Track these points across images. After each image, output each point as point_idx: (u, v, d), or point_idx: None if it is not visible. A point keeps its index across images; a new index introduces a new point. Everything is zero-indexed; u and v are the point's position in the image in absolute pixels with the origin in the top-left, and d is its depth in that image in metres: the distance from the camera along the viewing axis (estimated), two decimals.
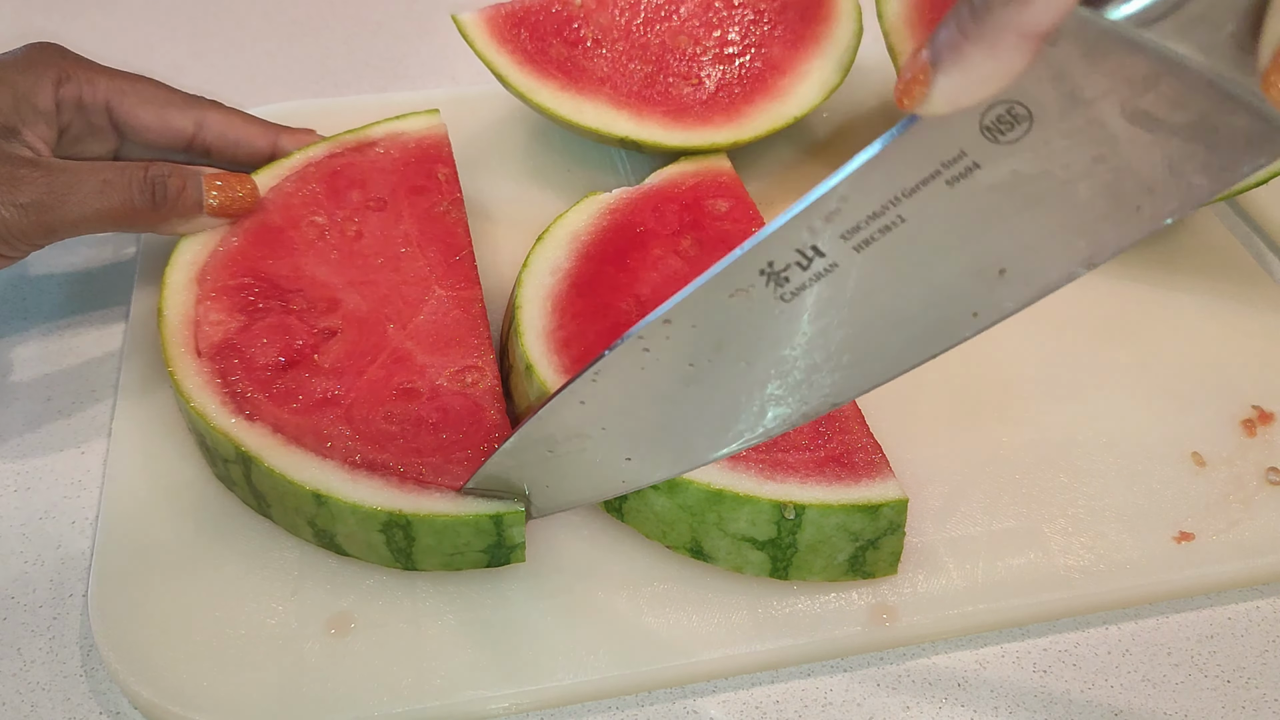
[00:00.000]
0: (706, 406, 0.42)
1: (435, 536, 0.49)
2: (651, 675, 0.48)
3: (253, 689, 0.47)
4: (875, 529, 0.49)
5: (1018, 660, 0.50)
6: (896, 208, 0.37)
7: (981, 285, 0.38)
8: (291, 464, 0.50)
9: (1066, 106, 0.34)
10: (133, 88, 0.61)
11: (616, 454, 0.45)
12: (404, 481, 0.49)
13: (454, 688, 0.47)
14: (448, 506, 0.48)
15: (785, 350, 0.40)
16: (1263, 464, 0.56)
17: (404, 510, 0.48)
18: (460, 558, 0.50)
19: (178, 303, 0.56)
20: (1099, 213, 0.35)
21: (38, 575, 0.52)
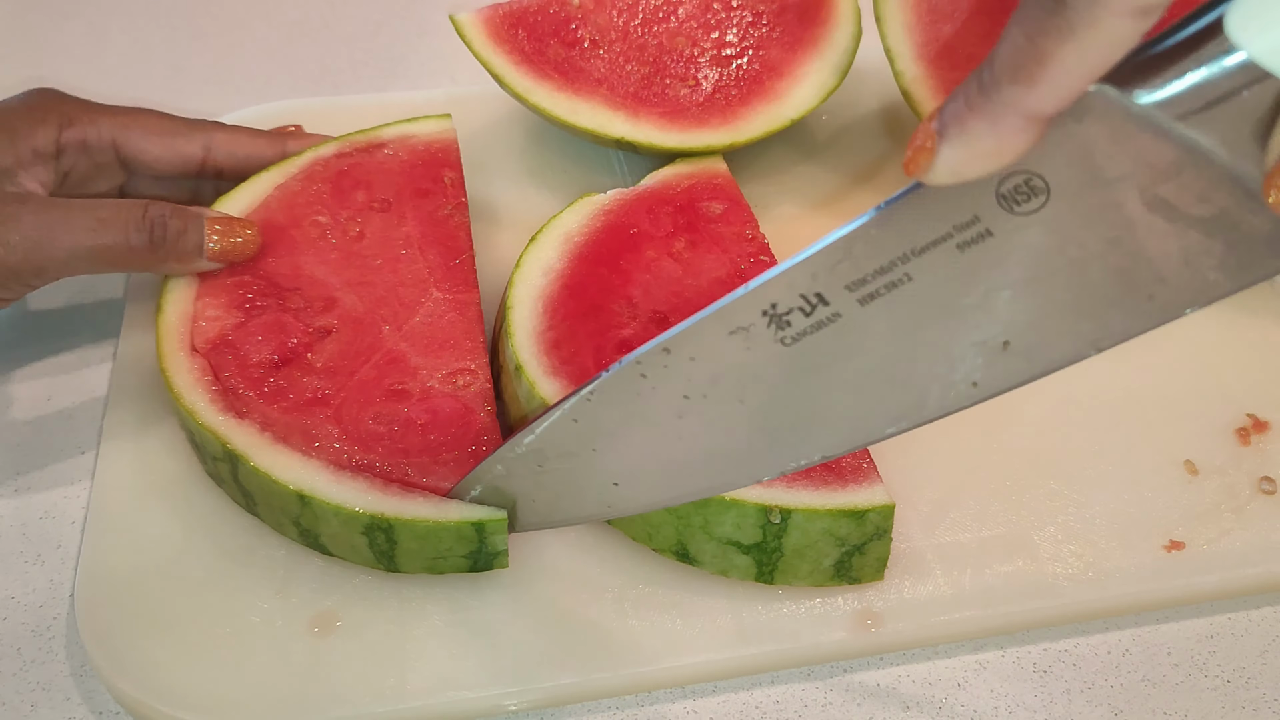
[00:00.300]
0: (697, 442, 0.42)
1: (417, 541, 0.49)
2: (635, 678, 0.48)
3: (236, 687, 0.47)
4: (861, 534, 0.49)
5: (1017, 660, 0.50)
6: (905, 265, 0.37)
7: (984, 355, 0.37)
8: (277, 464, 0.50)
9: (1086, 185, 0.34)
10: (136, 121, 0.60)
11: (605, 478, 0.45)
12: (389, 484, 0.49)
13: (437, 688, 0.47)
14: (430, 511, 0.48)
15: (780, 396, 0.40)
16: (1256, 473, 0.56)
17: (386, 514, 0.48)
18: (443, 562, 0.50)
19: (176, 298, 0.56)
20: (1109, 297, 0.35)
21: (38, 575, 0.53)
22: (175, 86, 0.82)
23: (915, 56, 0.67)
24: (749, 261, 0.60)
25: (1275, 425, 0.58)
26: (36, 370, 0.62)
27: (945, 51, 0.67)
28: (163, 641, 0.48)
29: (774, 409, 0.40)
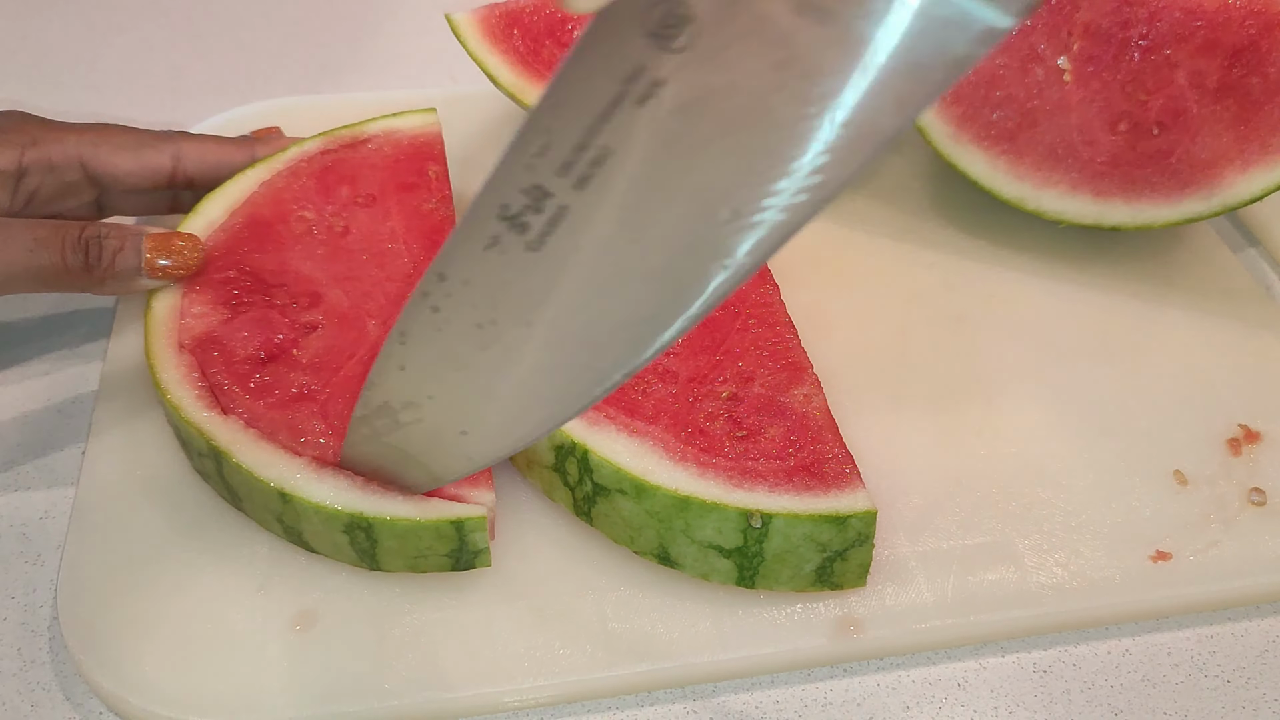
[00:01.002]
0: (510, 372, 0.40)
1: (397, 539, 0.48)
2: (614, 681, 0.48)
3: (218, 683, 0.47)
4: (843, 540, 0.49)
5: (1017, 660, 0.50)
6: (598, 137, 0.34)
7: (717, 229, 0.34)
8: (260, 461, 0.50)
9: (725, 3, 0.31)
10: (103, 137, 0.59)
11: (451, 427, 0.43)
12: (369, 481, 0.49)
13: (415, 687, 0.47)
14: (409, 510, 0.48)
15: (555, 311, 0.37)
16: (1246, 484, 0.55)
17: (365, 513, 0.48)
18: (424, 561, 0.50)
19: (165, 294, 0.57)
20: (807, 133, 0.32)
21: (38, 575, 0.53)
22: (175, 86, 0.82)
23: None
24: None
25: (1267, 436, 0.57)
26: (36, 370, 0.62)
27: None
28: (144, 638, 0.48)
29: (556, 325, 0.38)
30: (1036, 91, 0.65)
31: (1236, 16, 0.62)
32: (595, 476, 0.50)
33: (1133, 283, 0.66)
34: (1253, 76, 0.61)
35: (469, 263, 0.39)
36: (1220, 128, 0.62)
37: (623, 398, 0.52)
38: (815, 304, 0.64)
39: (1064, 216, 0.65)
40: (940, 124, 0.67)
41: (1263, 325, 0.63)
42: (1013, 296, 0.65)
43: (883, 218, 0.70)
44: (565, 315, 0.38)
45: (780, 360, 0.55)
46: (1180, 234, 0.69)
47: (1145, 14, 0.63)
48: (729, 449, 0.51)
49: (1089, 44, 0.64)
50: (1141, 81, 0.64)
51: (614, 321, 0.37)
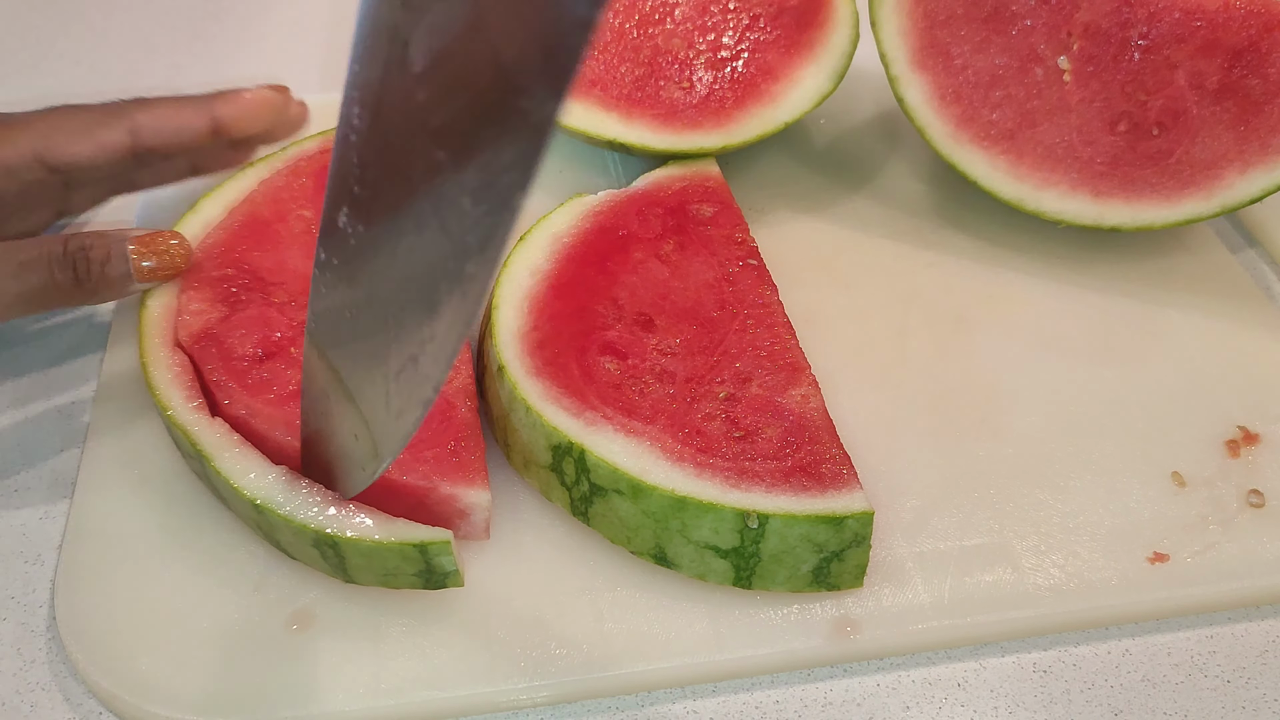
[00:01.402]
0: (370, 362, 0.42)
1: (364, 558, 0.48)
2: (610, 682, 0.48)
3: (212, 682, 0.47)
4: (840, 541, 0.49)
5: (1017, 661, 0.50)
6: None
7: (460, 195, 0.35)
8: (237, 469, 0.49)
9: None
10: (53, 125, 0.56)
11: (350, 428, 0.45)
12: (341, 498, 0.48)
13: (411, 687, 0.47)
14: (374, 531, 0.47)
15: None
16: (1244, 486, 0.55)
17: (331, 531, 0.47)
18: (395, 579, 0.49)
19: (160, 294, 0.57)
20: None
21: (38, 575, 0.53)
22: (175, 86, 0.82)
23: (909, 61, 0.67)
24: (738, 265, 0.59)
25: (1265, 437, 0.57)
26: (35, 370, 0.62)
27: (940, 57, 0.66)
28: (141, 636, 0.49)
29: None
30: (1036, 91, 0.65)
31: (1236, 17, 0.61)
32: (592, 476, 0.50)
33: (1132, 283, 0.66)
34: (1253, 77, 0.61)
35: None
36: (1220, 128, 0.62)
37: (620, 397, 0.52)
38: (814, 304, 0.64)
39: (1064, 217, 0.65)
40: (940, 124, 0.67)
41: (1262, 326, 0.63)
42: (1012, 297, 0.65)
43: (882, 218, 0.70)
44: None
45: (778, 361, 0.55)
46: (1180, 234, 0.69)
47: (1145, 14, 0.63)
48: (726, 449, 0.51)
49: (1089, 44, 0.64)
50: (1141, 82, 0.64)
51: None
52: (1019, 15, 0.65)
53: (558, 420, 0.51)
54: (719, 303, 0.57)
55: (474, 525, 0.51)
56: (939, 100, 0.66)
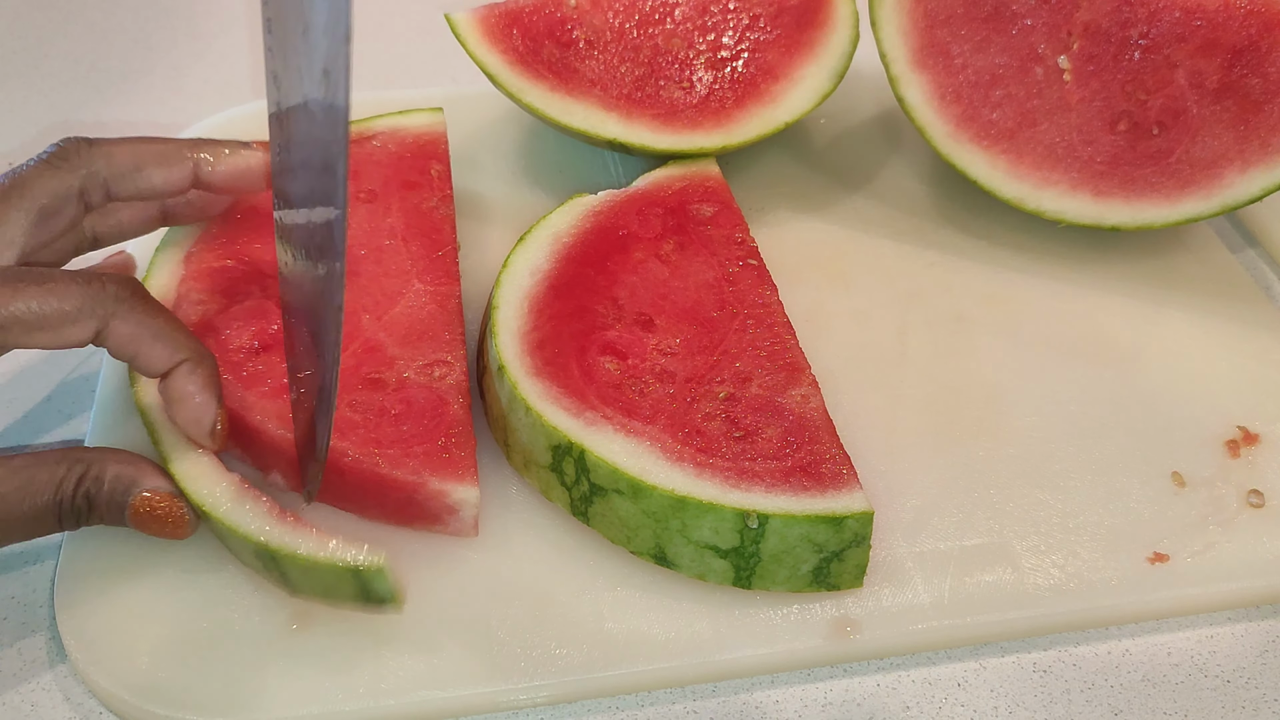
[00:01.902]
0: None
1: (302, 573, 0.47)
2: (611, 681, 0.48)
3: (213, 682, 0.47)
4: (840, 541, 0.49)
5: (1017, 661, 0.50)
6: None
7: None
8: (190, 473, 0.49)
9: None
10: (138, 154, 0.53)
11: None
12: (285, 512, 0.48)
13: (411, 687, 0.47)
14: (310, 548, 0.47)
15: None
16: (1245, 486, 0.55)
17: (270, 543, 0.47)
18: (335, 596, 0.48)
19: (158, 284, 0.57)
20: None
21: (38, 575, 0.53)
22: (176, 86, 0.82)
23: (910, 61, 0.67)
24: (737, 265, 0.59)
25: (1265, 438, 0.57)
26: (35, 370, 0.62)
27: (940, 56, 0.66)
28: (141, 636, 0.48)
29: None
30: (1036, 91, 0.65)
31: (1236, 16, 0.61)
32: (592, 476, 0.50)
33: (1132, 283, 0.66)
34: (1253, 76, 0.61)
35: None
36: (1220, 128, 0.62)
37: (620, 397, 0.52)
38: (814, 304, 0.64)
39: (1064, 216, 0.65)
40: (940, 124, 0.67)
41: (1262, 326, 0.63)
42: (1012, 296, 0.65)
43: (882, 218, 0.70)
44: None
45: (778, 361, 0.55)
46: (1180, 234, 0.69)
47: (1145, 14, 0.63)
48: (726, 449, 0.51)
49: (1089, 44, 0.64)
50: (1141, 81, 0.64)
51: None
52: (1019, 15, 0.65)
53: (558, 420, 0.51)
54: (719, 303, 0.57)
55: (463, 521, 0.51)
56: (939, 100, 0.66)
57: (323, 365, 0.44)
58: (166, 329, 0.48)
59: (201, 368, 0.49)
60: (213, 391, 0.49)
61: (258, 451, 0.53)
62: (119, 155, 0.53)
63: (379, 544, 0.51)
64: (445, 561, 0.51)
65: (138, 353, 0.48)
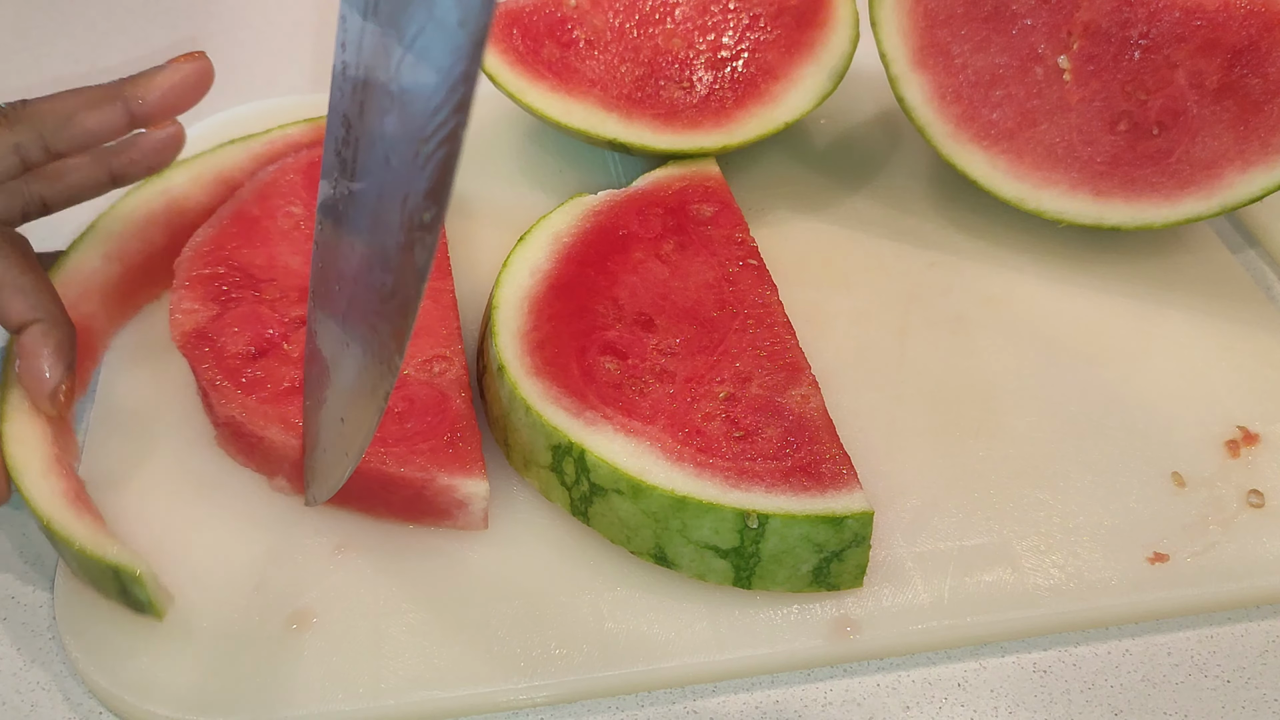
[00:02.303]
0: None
1: (75, 559, 0.48)
2: (610, 681, 0.48)
3: (212, 682, 0.47)
4: (840, 541, 0.49)
5: (1017, 661, 0.50)
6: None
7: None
8: (12, 434, 0.50)
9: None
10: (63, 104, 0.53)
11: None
12: (82, 499, 0.50)
13: (411, 687, 0.47)
14: (83, 539, 0.47)
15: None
16: (1244, 486, 0.55)
17: (51, 524, 0.48)
18: (103, 589, 0.49)
19: (72, 266, 0.58)
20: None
21: (38, 575, 0.53)
22: None
23: (910, 61, 0.67)
24: (737, 265, 0.59)
25: (1265, 438, 0.57)
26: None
27: (940, 56, 0.66)
28: (141, 635, 0.49)
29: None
30: (1036, 91, 0.65)
31: (1236, 16, 0.61)
32: (592, 476, 0.50)
33: (1132, 283, 0.66)
34: (1253, 76, 0.61)
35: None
36: (1220, 128, 0.62)
37: (620, 397, 0.52)
38: (814, 304, 0.64)
39: (1064, 216, 0.65)
40: (940, 123, 0.67)
41: (1262, 326, 0.63)
42: (1012, 296, 0.65)
43: (882, 218, 0.70)
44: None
45: (778, 361, 0.55)
46: (1180, 234, 0.69)
47: (1145, 14, 0.63)
48: (726, 449, 0.51)
49: (1089, 44, 0.64)
50: (1141, 81, 0.64)
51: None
52: (1019, 15, 0.65)
53: (558, 420, 0.51)
54: (719, 303, 0.57)
55: (472, 515, 0.51)
56: (939, 100, 0.66)
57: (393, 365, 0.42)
58: (31, 286, 0.50)
59: (56, 332, 0.51)
60: (61, 358, 0.51)
61: (261, 456, 0.53)
62: (49, 107, 0.53)
63: (382, 541, 0.52)
64: (444, 561, 0.51)
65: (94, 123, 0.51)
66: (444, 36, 0.36)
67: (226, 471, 0.55)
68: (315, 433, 0.49)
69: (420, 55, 0.38)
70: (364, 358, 0.44)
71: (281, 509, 0.53)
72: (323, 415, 0.48)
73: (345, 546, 0.52)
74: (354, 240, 0.43)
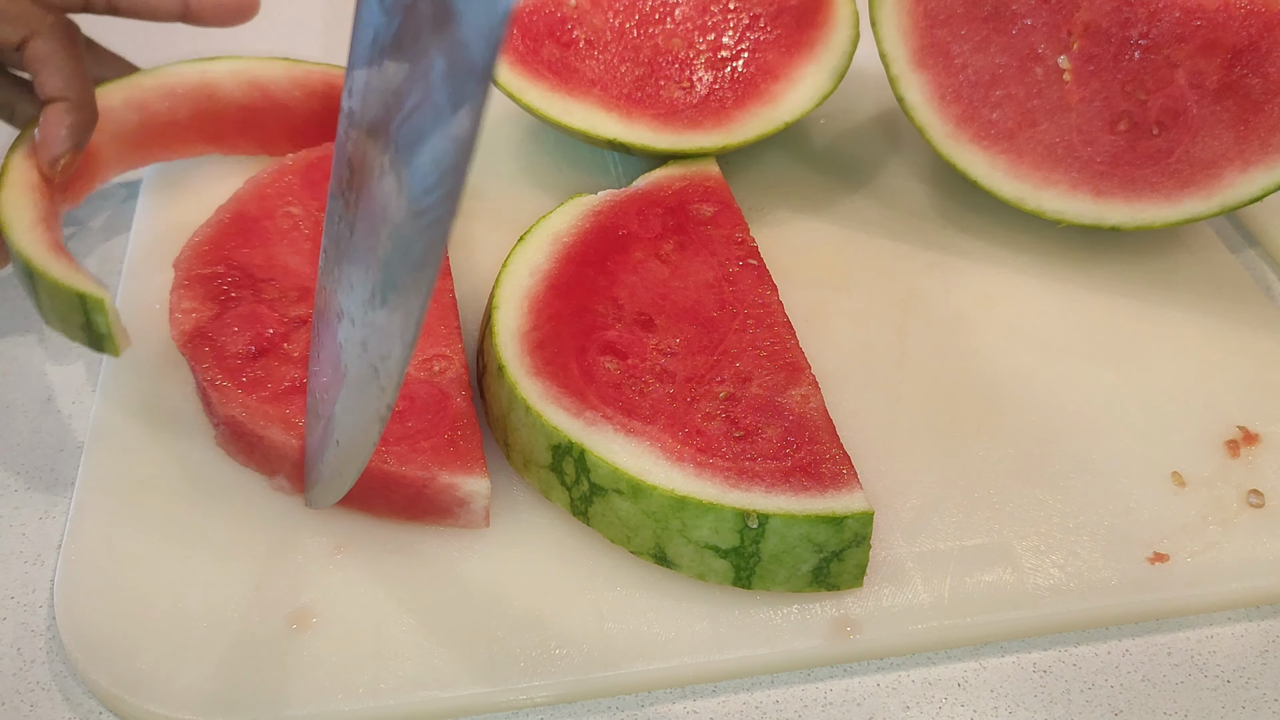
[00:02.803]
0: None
1: (48, 295, 0.54)
2: (610, 682, 0.48)
3: (212, 682, 0.47)
4: (839, 541, 0.49)
5: (1017, 661, 0.50)
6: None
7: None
8: (8, 198, 0.56)
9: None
10: None
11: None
12: (60, 249, 0.55)
13: (411, 687, 0.47)
14: (56, 272, 0.53)
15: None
16: (1244, 486, 0.55)
17: (30, 260, 0.53)
18: (69, 327, 0.54)
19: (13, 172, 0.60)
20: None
21: (38, 575, 0.53)
22: None
23: (910, 61, 0.67)
24: (738, 265, 0.59)
25: (1265, 438, 0.57)
26: (35, 370, 0.62)
27: (940, 56, 0.66)
28: (141, 635, 0.49)
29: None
30: (1036, 91, 0.65)
31: (1236, 16, 0.61)
32: (592, 476, 0.50)
33: (1132, 283, 0.66)
34: (1253, 76, 0.61)
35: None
36: (1220, 127, 0.62)
37: (620, 397, 0.52)
38: (814, 304, 0.64)
39: (1064, 216, 0.65)
40: (940, 124, 0.67)
41: (1262, 326, 0.63)
42: (1012, 296, 0.65)
43: (882, 218, 0.70)
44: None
45: (778, 361, 0.55)
46: (1180, 234, 0.69)
47: (1145, 14, 0.63)
48: (726, 449, 0.51)
49: (1089, 44, 0.64)
50: (1141, 81, 0.64)
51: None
52: (1019, 14, 0.65)
53: (558, 420, 0.51)
54: (719, 303, 0.57)
55: (474, 513, 0.51)
56: (939, 100, 0.66)
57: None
58: (71, 69, 0.58)
59: (79, 113, 0.58)
60: (74, 135, 0.57)
61: (261, 456, 0.53)
62: None
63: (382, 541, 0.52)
64: (444, 561, 0.51)
65: (38, 71, 0.57)
66: (440, 122, 0.36)
67: (226, 471, 0.55)
68: (321, 439, 0.48)
69: (414, 135, 0.37)
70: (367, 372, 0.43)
71: (281, 509, 0.53)
72: (331, 425, 0.47)
73: (345, 546, 0.52)
74: (352, 269, 0.43)
